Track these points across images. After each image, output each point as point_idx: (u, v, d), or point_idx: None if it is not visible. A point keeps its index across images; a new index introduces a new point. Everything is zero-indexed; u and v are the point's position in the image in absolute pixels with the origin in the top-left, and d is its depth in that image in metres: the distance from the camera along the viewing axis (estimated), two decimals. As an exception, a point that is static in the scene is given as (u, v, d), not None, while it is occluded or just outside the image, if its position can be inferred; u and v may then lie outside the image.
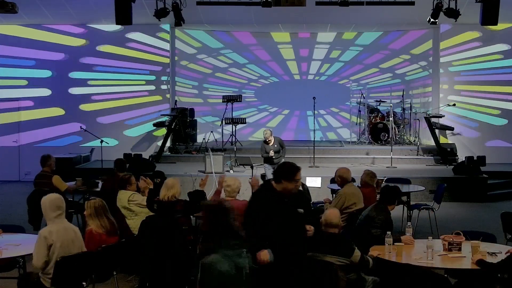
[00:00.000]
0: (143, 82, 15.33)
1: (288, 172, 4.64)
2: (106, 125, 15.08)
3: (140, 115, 15.28)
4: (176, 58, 15.94)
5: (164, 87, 15.40)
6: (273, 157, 11.18)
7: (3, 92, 15.03)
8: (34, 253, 5.03)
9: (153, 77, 15.34)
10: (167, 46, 15.34)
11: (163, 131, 14.71)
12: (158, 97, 15.37)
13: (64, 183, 8.63)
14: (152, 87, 15.37)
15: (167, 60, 15.39)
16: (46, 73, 15.11)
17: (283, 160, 11.06)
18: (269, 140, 11.25)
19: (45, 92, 15.13)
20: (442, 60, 15.09)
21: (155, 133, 15.22)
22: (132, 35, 15.10)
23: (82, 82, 15.15)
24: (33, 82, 15.10)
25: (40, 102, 15.09)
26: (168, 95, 15.43)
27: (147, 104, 15.32)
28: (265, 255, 4.49)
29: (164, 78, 15.37)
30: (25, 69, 15.05)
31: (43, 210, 5.16)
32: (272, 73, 16.91)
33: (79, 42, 15.08)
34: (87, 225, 5.85)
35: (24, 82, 15.09)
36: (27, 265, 5.55)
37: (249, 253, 4.49)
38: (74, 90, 15.15)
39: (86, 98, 15.16)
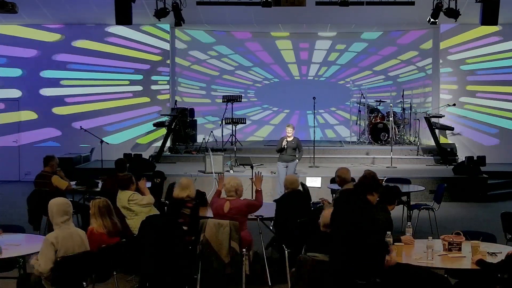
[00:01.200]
0: (127, 83, 15.30)
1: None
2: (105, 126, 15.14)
3: (140, 115, 15.28)
4: (176, 58, 15.94)
5: (164, 87, 15.41)
6: (287, 154, 10.96)
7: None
8: (41, 259, 5.01)
9: (154, 77, 15.34)
10: (167, 46, 15.34)
11: (163, 131, 14.71)
12: (160, 97, 15.38)
13: (64, 181, 8.60)
14: (154, 87, 15.37)
15: (159, 58, 15.36)
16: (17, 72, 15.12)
17: (297, 161, 11.06)
18: (289, 135, 10.99)
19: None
20: (442, 60, 15.09)
21: (155, 133, 15.21)
22: (133, 35, 15.09)
23: (56, 82, 15.04)
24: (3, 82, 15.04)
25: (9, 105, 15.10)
26: (168, 96, 15.43)
27: (147, 104, 15.33)
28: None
29: (164, 78, 15.37)
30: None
31: (50, 214, 5.16)
32: (272, 73, 16.92)
33: (55, 37, 15.02)
34: (90, 224, 5.86)
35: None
36: (27, 265, 5.54)
37: None
38: (46, 91, 15.03)
39: (60, 101, 15.04)
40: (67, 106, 15.09)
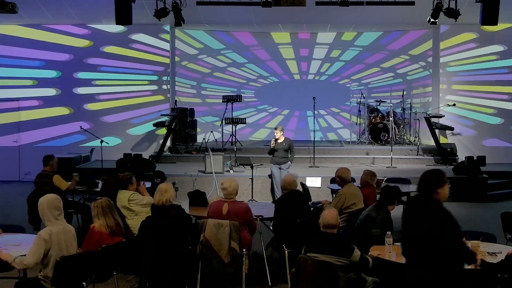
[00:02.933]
0: (146, 82, 15.33)
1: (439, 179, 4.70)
2: (110, 124, 15.12)
3: (142, 114, 15.29)
4: (176, 58, 15.94)
5: (164, 87, 15.40)
6: (279, 156, 10.79)
7: (5, 92, 15.05)
8: (30, 252, 5.02)
9: (155, 77, 15.35)
10: (167, 46, 15.34)
11: (163, 131, 14.71)
12: (160, 97, 15.38)
13: (65, 182, 8.63)
14: (154, 87, 15.38)
15: (167, 60, 15.40)
16: (52, 73, 15.12)
17: (289, 163, 10.97)
18: (277, 137, 10.81)
19: (51, 91, 15.15)
20: (442, 60, 15.10)
21: (155, 133, 15.21)
22: (135, 36, 15.10)
23: (88, 82, 15.16)
24: (39, 82, 15.13)
25: (46, 102, 15.11)
26: (168, 95, 15.43)
27: (148, 104, 15.33)
28: None
29: (164, 78, 15.38)
30: (31, 69, 15.03)
31: (41, 211, 5.15)
32: (272, 73, 16.93)
33: (84, 43, 15.10)
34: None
35: (30, 82, 15.10)
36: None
37: None
38: (80, 90, 15.16)
39: (92, 98, 15.18)
40: (97, 103, 15.24)
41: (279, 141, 10.79)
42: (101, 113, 15.17)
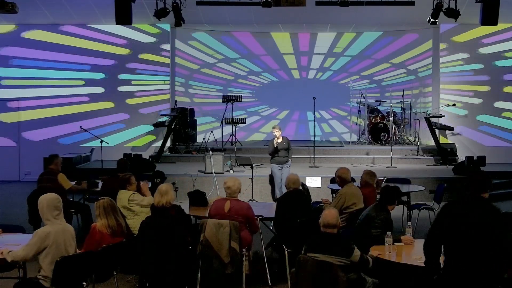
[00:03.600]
0: (145, 82, 15.35)
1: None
2: (145, 115, 15.29)
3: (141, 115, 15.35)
4: (176, 58, 15.95)
5: (164, 87, 15.42)
6: (281, 155, 10.77)
7: (8, 92, 15.11)
8: (24, 247, 5.03)
9: (153, 77, 15.35)
10: (167, 46, 15.35)
11: (163, 131, 14.72)
12: (159, 97, 15.39)
13: (69, 181, 8.67)
14: (153, 87, 15.39)
15: (167, 60, 15.40)
16: (100, 75, 15.31)
17: (290, 161, 10.98)
18: (277, 136, 10.76)
19: (99, 90, 15.34)
20: (442, 60, 15.10)
21: (155, 133, 15.22)
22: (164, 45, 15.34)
23: (128, 82, 15.31)
24: (88, 83, 15.34)
25: (94, 98, 15.29)
26: (168, 95, 15.45)
27: (148, 104, 15.36)
28: None
29: (164, 78, 15.38)
30: (82, 72, 15.26)
31: (40, 209, 5.16)
32: (272, 73, 16.92)
33: (125, 51, 15.29)
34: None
35: (82, 82, 15.32)
36: (27, 266, 5.54)
37: None
38: (121, 88, 15.33)
39: (131, 94, 15.37)
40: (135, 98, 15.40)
41: (279, 140, 10.78)
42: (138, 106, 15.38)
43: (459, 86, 15.13)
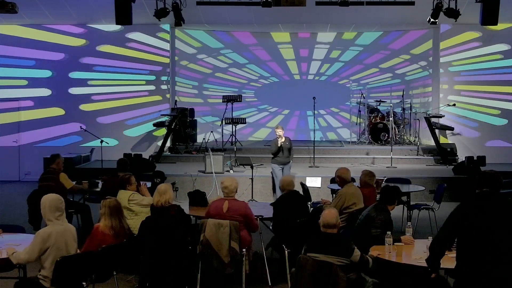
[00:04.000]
0: (143, 82, 15.32)
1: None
2: (106, 125, 15.07)
3: (140, 115, 15.28)
4: (176, 58, 15.94)
5: (164, 87, 15.40)
6: (284, 156, 10.78)
7: (4, 92, 15.03)
8: (26, 249, 5.04)
9: (153, 77, 15.33)
10: (167, 46, 15.34)
11: (163, 131, 14.71)
12: (158, 97, 15.35)
13: (70, 181, 8.68)
14: (152, 87, 15.36)
15: (167, 60, 15.40)
16: (46, 73, 15.09)
17: (291, 162, 10.99)
18: (281, 136, 10.76)
19: (45, 92, 15.11)
20: (442, 60, 15.10)
21: (155, 133, 15.22)
22: (132, 35, 15.09)
23: (82, 82, 15.14)
24: (33, 82, 15.09)
25: (40, 102, 15.07)
26: (168, 95, 15.43)
27: (147, 104, 15.32)
28: None
29: (164, 78, 15.37)
30: (25, 69, 15.02)
31: (42, 210, 5.16)
32: (272, 73, 16.93)
33: (79, 42, 15.07)
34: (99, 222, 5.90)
35: (24, 82, 15.08)
36: (27, 266, 5.54)
37: None
38: (74, 90, 15.13)
39: (86, 98, 15.14)
40: (92, 103, 15.19)
41: (283, 140, 10.78)
42: (96, 113, 15.16)
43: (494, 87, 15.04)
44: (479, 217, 4.26)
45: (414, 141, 15.15)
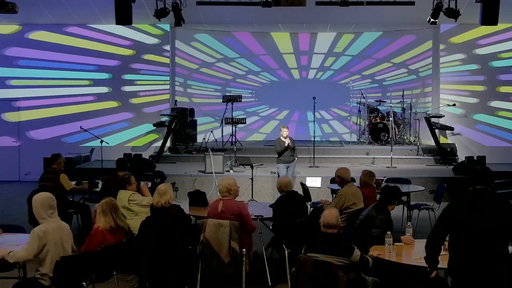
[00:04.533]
0: (143, 82, 15.35)
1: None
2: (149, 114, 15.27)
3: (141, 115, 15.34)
4: (176, 58, 15.95)
5: (164, 87, 15.42)
6: (289, 155, 10.87)
7: (4, 91, 15.09)
8: (24, 248, 5.04)
9: (153, 77, 15.35)
10: (167, 46, 15.35)
11: (163, 131, 14.72)
12: (158, 97, 15.38)
13: (70, 182, 8.67)
14: (153, 87, 15.39)
15: (167, 60, 15.40)
16: (105, 75, 15.31)
17: (296, 159, 11.09)
18: (286, 136, 10.86)
19: (105, 89, 15.33)
20: (442, 60, 15.10)
21: (155, 133, 15.22)
22: (132, 35, 15.16)
23: (131, 82, 15.32)
24: (95, 83, 15.34)
25: (100, 98, 15.29)
26: (168, 95, 15.44)
27: (147, 104, 15.35)
28: None
29: (164, 78, 15.38)
30: (89, 72, 15.27)
31: (35, 209, 5.15)
32: (272, 73, 16.93)
33: (129, 52, 15.30)
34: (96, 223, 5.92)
35: (88, 82, 15.34)
36: (27, 266, 5.54)
37: None
38: (126, 88, 15.32)
39: (134, 94, 15.39)
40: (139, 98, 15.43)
41: (289, 141, 10.88)
42: (142, 105, 15.38)
43: (458, 86, 15.16)
44: (472, 214, 4.34)
45: (414, 141, 15.14)
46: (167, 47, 15.36)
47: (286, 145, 10.81)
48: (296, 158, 11.12)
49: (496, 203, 4.40)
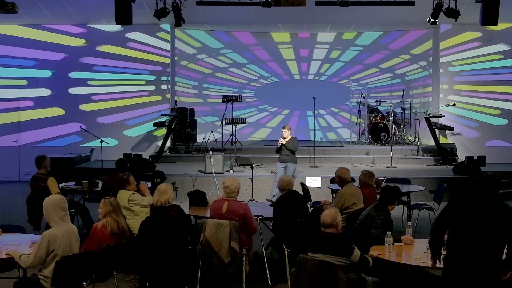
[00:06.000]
0: (143, 82, 15.33)
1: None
2: (106, 125, 15.07)
3: (140, 115, 15.28)
4: (176, 58, 15.94)
5: (164, 87, 15.40)
6: (285, 154, 10.92)
7: (3, 92, 15.03)
8: (33, 252, 5.04)
9: (153, 77, 15.34)
10: (167, 46, 15.34)
11: (163, 131, 14.71)
12: (158, 97, 15.36)
13: (57, 187, 8.27)
14: (152, 87, 15.36)
15: (167, 60, 15.40)
16: (46, 73, 15.09)
17: (296, 165, 11.08)
18: (285, 136, 10.93)
19: (45, 92, 15.11)
20: (442, 60, 15.10)
21: (155, 133, 15.22)
22: (132, 35, 15.09)
23: (82, 82, 15.13)
24: (33, 82, 15.09)
25: (40, 102, 15.07)
26: (168, 95, 15.43)
27: (147, 104, 15.32)
28: None
29: (164, 78, 15.37)
30: (25, 69, 15.03)
31: (46, 212, 5.15)
32: (272, 73, 16.94)
33: (79, 42, 15.07)
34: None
35: (24, 82, 15.08)
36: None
37: None
38: (74, 90, 15.12)
39: (86, 98, 15.14)
40: (92, 103, 15.20)
41: (287, 139, 10.90)
42: (96, 114, 15.16)
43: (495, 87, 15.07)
44: (466, 211, 4.55)
45: (414, 141, 15.14)
46: (167, 47, 15.35)
47: (279, 144, 10.97)
48: (294, 161, 11.04)
49: (494, 204, 4.51)
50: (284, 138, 10.97)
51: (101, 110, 15.16)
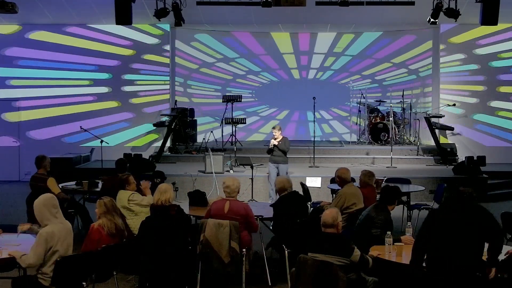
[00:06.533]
0: (143, 82, 15.36)
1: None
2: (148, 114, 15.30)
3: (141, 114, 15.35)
4: (176, 58, 15.95)
5: (163, 87, 15.42)
6: (276, 154, 10.84)
7: (4, 92, 15.10)
8: (32, 251, 5.05)
9: (153, 77, 15.36)
10: (167, 46, 15.35)
11: (163, 131, 14.72)
12: (158, 97, 15.38)
13: (58, 187, 8.34)
14: (153, 87, 15.39)
15: (167, 60, 15.41)
16: (106, 75, 15.33)
17: (288, 165, 11.00)
18: (276, 137, 10.85)
19: (105, 89, 15.34)
20: (442, 60, 15.11)
21: (155, 133, 15.22)
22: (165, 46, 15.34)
23: (131, 82, 15.34)
24: (96, 83, 15.35)
25: (100, 97, 15.30)
26: (168, 95, 15.45)
27: (147, 104, 15.35)
28: None
29: (164, 78, 15.39)
30: (89, 72, 15.28)
31: (38, 212, 5.15)
32: (272, 73, 16.92)
33: (129, 52, 15.30)
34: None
35: (88, 82, 15.35)
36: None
37: None
38: (126, 88, 15.35)
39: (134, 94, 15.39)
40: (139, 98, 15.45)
41: (278, 140, 10.82)
42: (142, 105, 15.39)
43: (458, 86, 15.17)
44: (444, 211, 5.10)
45: (414, 141, 15.14)
46: (167, 47, 15.36)
47: (270, 146, 10.90)
48: (286, 162, 10.92)
49: (472, 206, 5.00)
50: (275, 139, 10.88)
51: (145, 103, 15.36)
